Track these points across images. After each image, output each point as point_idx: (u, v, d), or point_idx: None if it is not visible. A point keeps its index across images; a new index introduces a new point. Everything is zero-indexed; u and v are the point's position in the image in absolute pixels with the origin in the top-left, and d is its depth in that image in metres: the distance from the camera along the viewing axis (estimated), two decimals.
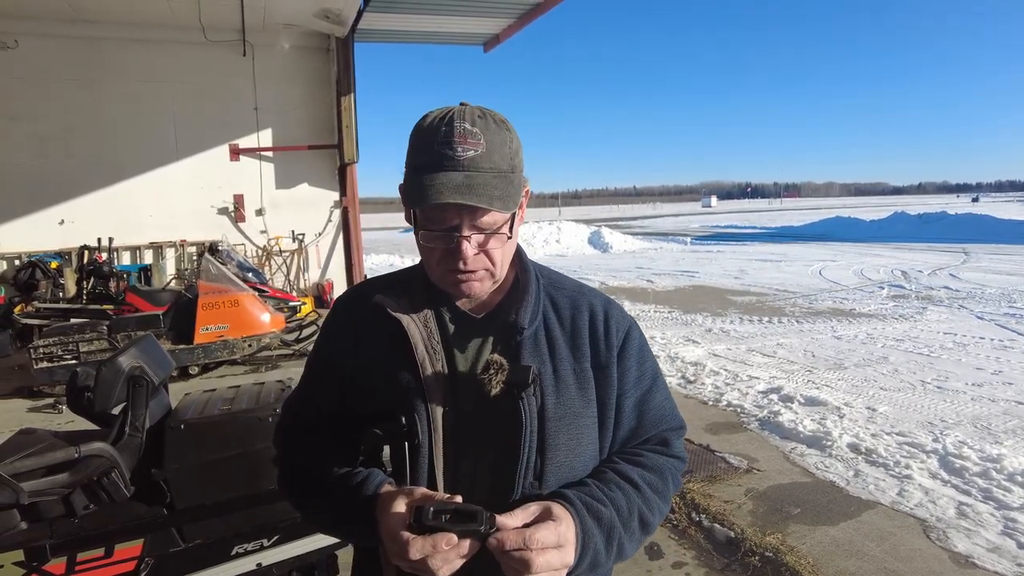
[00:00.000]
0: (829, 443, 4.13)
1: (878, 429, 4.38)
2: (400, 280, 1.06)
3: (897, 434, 4.26)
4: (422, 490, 0.85)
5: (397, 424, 0.91)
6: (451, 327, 1.00)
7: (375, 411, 0.95)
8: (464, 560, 0.78)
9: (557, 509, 0.84)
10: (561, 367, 0.97)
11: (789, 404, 4.93)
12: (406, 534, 0.78)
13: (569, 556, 0.82)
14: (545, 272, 1.08)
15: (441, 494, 0.84)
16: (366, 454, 0.94)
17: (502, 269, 0.97)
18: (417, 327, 0.97)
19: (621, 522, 0.91)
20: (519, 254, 1.06)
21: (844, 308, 9.31)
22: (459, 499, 0.81)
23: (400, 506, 0.82)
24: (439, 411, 0.93)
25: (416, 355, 0.95)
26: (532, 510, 0.83)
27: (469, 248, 0.91)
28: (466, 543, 0.77)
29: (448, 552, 0.77)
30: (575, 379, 0.97)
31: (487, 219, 0.90)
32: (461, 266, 0.92)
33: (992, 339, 7.04)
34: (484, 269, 0.95)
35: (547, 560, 0.78)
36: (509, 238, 0.94)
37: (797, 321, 8.43)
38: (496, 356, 0.94)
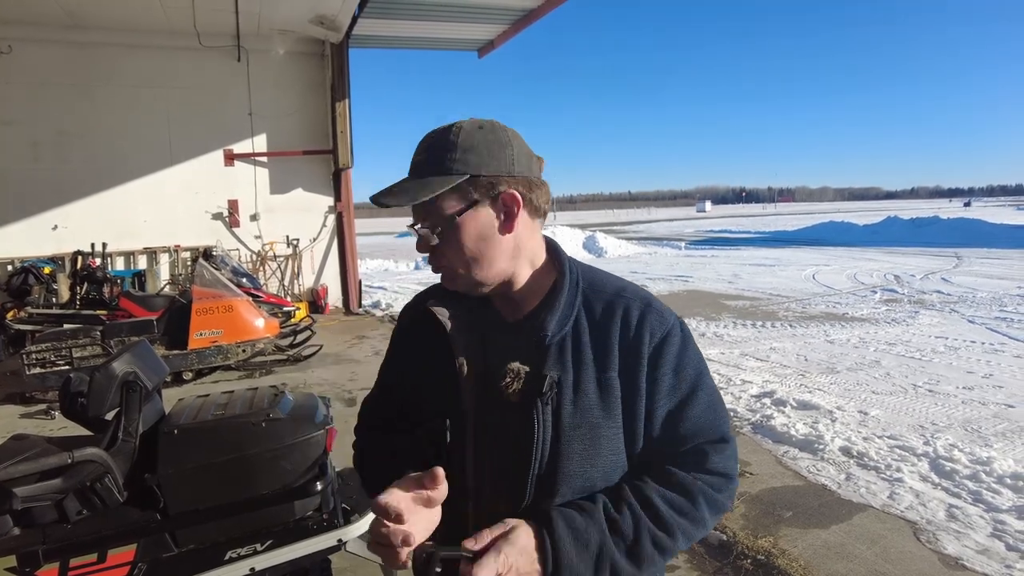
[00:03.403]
0: (821, 447, 4.16)
1: (870, 432, 4.40)
2: None
3: (888, 437, 4.29)
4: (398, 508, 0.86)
5: (435, 425, 0.99)
6: (491, 333, 1.03)
7: (423, 411, 1.03)
8: None
9: (512, 534, 0.88)
10: (584, 376, 0.96)
11: (782, 408, 4.95)
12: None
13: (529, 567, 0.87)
14: (588, 275, 1.05)
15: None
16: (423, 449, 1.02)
17: (469, 266, 0.98)
18: (460, 333, 1.02)
19: (623, 546, 0.91)
20: (557, 257, 1.05)
21: (837, 312, 9.36)
22: (470, 543, 0.85)
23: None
24: (470, 415, 0.99)
25: (456, 361, 1.00)
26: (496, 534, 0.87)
27: (420, 244, 0.99)
28: None
29: None
30: (597, 388, 0.96)
31: (423, 217, 0.97)
32: (429, 260, 1.01)
33: (983, 343, 7.09)
34: (447, 265, 0.99)
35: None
36: (444, 234, 0.96)
37: (790, 325, 8.47)
38: (516, 364, 0.97)
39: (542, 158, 1.04)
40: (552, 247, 1.07)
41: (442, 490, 0.88)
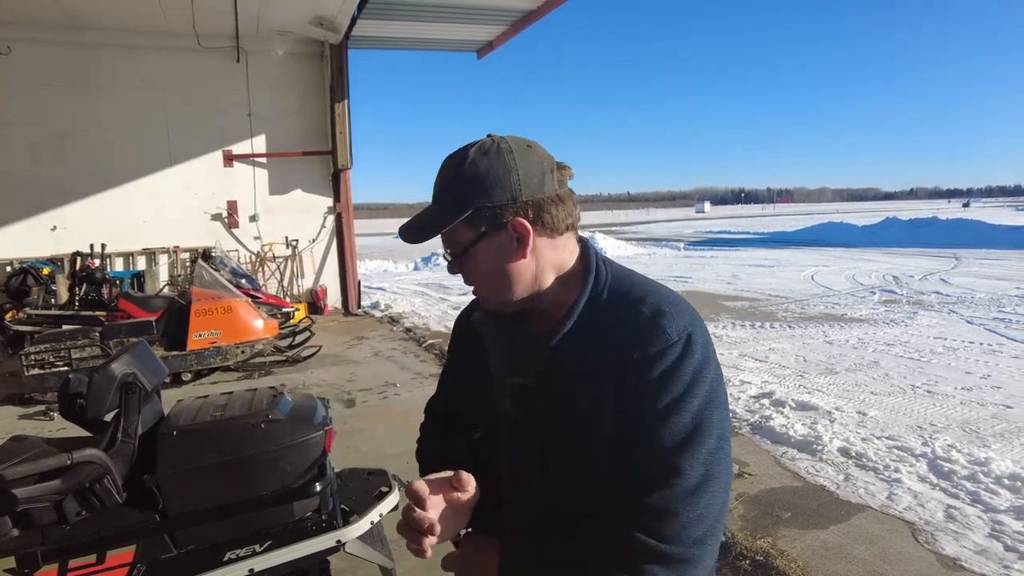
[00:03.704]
0: (820, 447, 4.16)
1: (868, 433, 4.41)
2: None
3: (887, 438, 4.30)
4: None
5: (471, 433, 1.11)
6: (520, 347, 1.04)
7: (470, 417, 1.12)
8: None
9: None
10: (580, 395, 0.93)
11: (780, 409, 4.96)
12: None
13: None
14: (616, 282, 0.99)
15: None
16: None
17: (491, 289, 0.99)
18: (497, 345, 1.07)
19: None
20: (586, 267, 1.00)
21: (836, 313, 9.36)
22: None
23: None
24: (501, 426, 1.06)
25: (493, 372, 1.07)
26: None
27: (449, 266, 1.02)
28: None
29: None
30: (591, 408, 0.92)
31: (446, 244, 1.00)
32: (464, 281, 1.03)
33: (981, 343, 7.10)
34: (475, 287, 1.02)
35: None
36: (462, 263, 0.98)
37: (789, 326, 8.48)
38: (517, 380, 1.00)
39: (567, 168, 0.98)
40: (584, 254, 1.01)
41: (471, 494, 0.93)
